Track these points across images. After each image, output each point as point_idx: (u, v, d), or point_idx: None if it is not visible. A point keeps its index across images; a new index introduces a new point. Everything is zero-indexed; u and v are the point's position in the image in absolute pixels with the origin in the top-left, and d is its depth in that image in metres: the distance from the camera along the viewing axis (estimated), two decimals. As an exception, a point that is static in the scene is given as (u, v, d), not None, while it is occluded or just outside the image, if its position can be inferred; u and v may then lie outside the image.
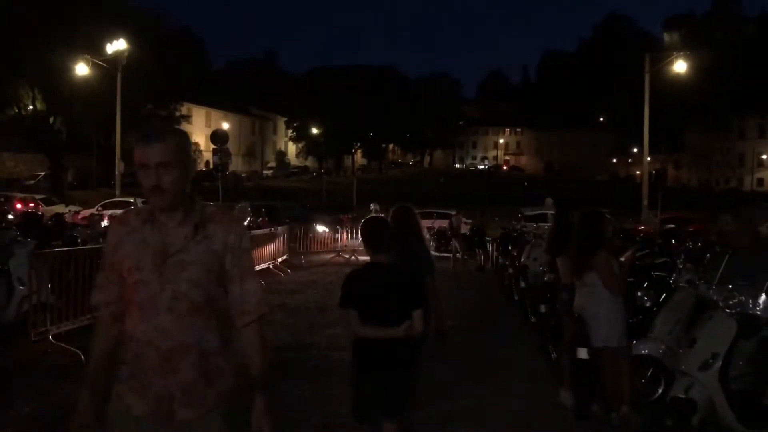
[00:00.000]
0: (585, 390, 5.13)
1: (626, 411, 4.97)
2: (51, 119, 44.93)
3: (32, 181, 45.69)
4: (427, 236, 24.06)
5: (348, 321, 3.65)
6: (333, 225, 22.53)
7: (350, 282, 3.72)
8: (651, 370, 5.42)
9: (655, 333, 5.42)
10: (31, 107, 44.92)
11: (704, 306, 4.86)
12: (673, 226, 19.61)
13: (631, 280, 5.89)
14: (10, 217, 17.55)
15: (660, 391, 5.35)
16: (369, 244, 3.77)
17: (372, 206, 25.84)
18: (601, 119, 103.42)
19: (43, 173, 47.00)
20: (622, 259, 5.23)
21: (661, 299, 5.69)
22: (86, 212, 26.16)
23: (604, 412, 5.10)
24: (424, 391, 4.90)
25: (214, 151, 20.99)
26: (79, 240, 10.39)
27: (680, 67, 25.54)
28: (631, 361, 5.10)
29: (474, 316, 10.36)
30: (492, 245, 19.12)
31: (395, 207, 4.94)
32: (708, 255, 6.11)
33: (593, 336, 4.90)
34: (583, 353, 4.97)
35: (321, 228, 22.26)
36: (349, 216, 26.18)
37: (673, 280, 5.65)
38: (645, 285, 6.15)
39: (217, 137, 20.24)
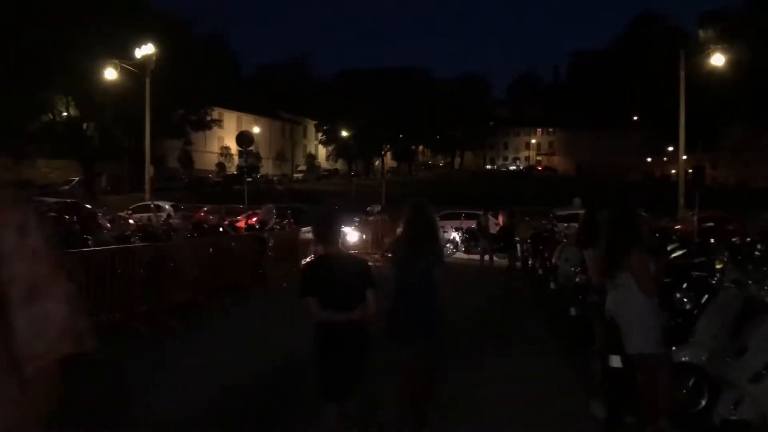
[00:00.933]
0: (618, 401, 4.66)
1: (664, 424, 4.48)
2: (84, 125, 45.57)
3: (66, 187, 46.42)
4: (454, 235, 23.40)
5: (308, 309, 3.97)
6: (359, 226, 22.17)
7: (307, 273, 4.25)
8: (693, 379, 4.92)
9: (696, 338, 4.93)
10: (65, 114, 45.65)
11: (754, 309, 4.35)
12: (712, 224, 18.80)
13: (667, 280, 5.41)
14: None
15: (703, 402, 4.84)
16: (320, 237, 4.20)
17: (370, 208, 25.44)
18: (635, 118, 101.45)
19: (76, 179, 47.73)
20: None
21: (703, 301, 5.18)
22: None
23: (639, 426, 4.63)
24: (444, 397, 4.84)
25: (240, 154, 20.87)
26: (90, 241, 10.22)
27: (717, 60, 24.63)
28: (670, 369, 4.60)
29: (499, 319, 9.89)
30: (522, 246, 18.61)
31: (409, 202, 4.97)
32: (757, 253, 5.58)
33: (627, 342, 4.43)
34: (615, 360, 4.51)
35: (347, 229, 21.88)
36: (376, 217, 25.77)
37: (716, 280, 5.14)
38: (684, 285, 5.64)
39: (243, 139, 20.13)
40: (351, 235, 20.59)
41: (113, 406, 5.52)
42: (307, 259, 11.76)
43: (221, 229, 14.21)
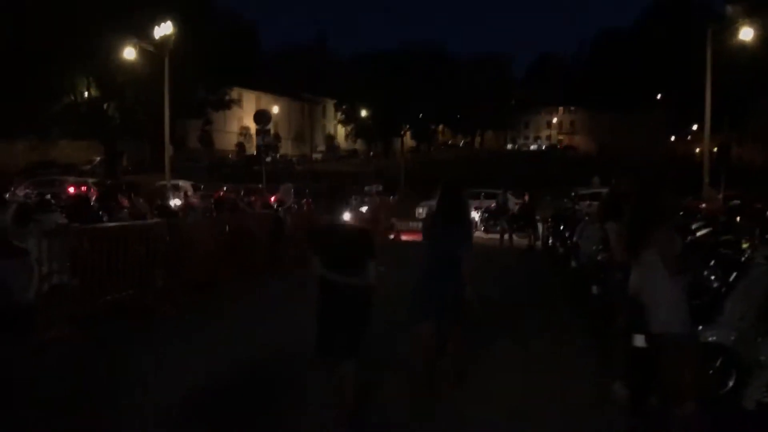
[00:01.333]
0: (642, 382, 4.48)
1: (691, 407, 4.30)
2: (105, 106, 45.77)
3: (88, 167, 46.92)
4: (473, 215, 23.36)
5: (312, 265, 4.40)
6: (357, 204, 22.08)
7: (314, 237, 4.73)
8: (720, 359, 4.73)
9: (725, 317, 4.74)
10: (86, 95, 45.85)
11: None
12: (738, 202, 18.37)
13: (693, 257, 5.20)
14: (48, 197, 17.64)
15: (731, 384, 4.66)
16: (327, 209, 4.76)
17: (367, 188, 25.41)
18: (658, 97, 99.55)
19: (98, 159, 48.15)
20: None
21: (732, 279, 4.97)
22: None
23: (664, 408, 4.45)
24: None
25: (258, 132, 20.73)
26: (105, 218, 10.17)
27: (746, 34, 23.92)
28: (696, 349, 4.41)
29: (518, 298, 9.71)
30: (543, 225, 18.37)
31: (442, 182, 5.36)
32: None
33: (652, 320, 4.23)
34: (639, 340, 4.32)
35: (364, 209, 21.80)
36: (394, 197, 25.70)
37: (746, 258, 4.92)
38: (711, 263, 5.43)
39: (261, 117, 19.98)
40: (347, 214, 20.53)
41: (94, 392, 5.37)
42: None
43: (237, 206, 14.12)
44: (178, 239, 8.94)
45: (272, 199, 18.81)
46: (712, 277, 5.23)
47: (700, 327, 4.67)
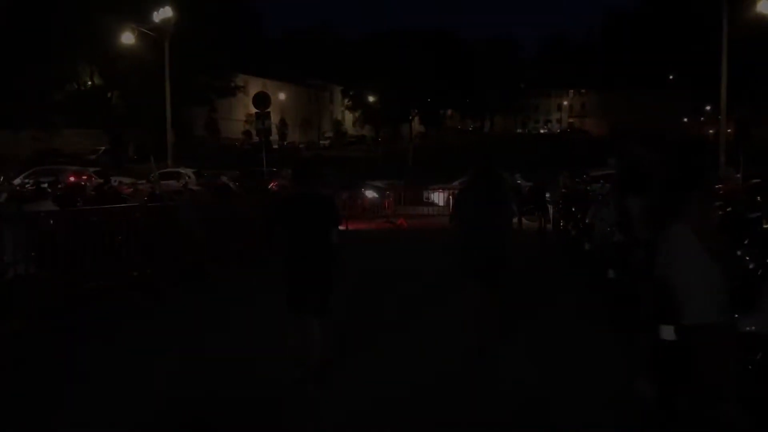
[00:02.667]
0: (670, 379, 3.83)
1: (728, 407, 3.65)
2: (108, 94, 45.42)
3: (93, 156, 46.64)
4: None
5: (275, 233, 4.90)
6: (381, 192, 21.54)
7: (280, 205, 5.21)
8: (760, 354, 4.07)
9: (765, 303, 4.06)
10: (89, 83, 45.53)
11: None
12: (759, 180, 17.61)
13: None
14: (45, 185, 17.19)
15: (774, 381, 3.99)
16: (296, 178, 5.07)
17: (380, 183, 25.39)
18: (671, 77, 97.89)
19: (103, 148, 47.83)
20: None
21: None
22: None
23: (696, 409, 3.79)
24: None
25: (257, 115, 20.05)
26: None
27: (765, 7, 22.99)
28: (735, 341, 3.75)
29: (530, 285, 9.05)
30: (554, 207, 17.68)
31: (475, 164, 5.95)
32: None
33: (683, 309, 3.57)
34: (667, 332, 3.65)
35: (370, 194, 21.28)
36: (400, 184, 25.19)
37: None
38: (746, 242, 4.75)
39: (260, 100, 19.29)
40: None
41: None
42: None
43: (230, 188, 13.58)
44: (161, 224, 8.37)
45: (272, 184, 18.26)
46: (748, 258, 4.55)
47: (737, 315, 3.99)
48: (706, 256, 3.43)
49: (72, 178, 27.61)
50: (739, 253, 4.66)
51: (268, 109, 19.22)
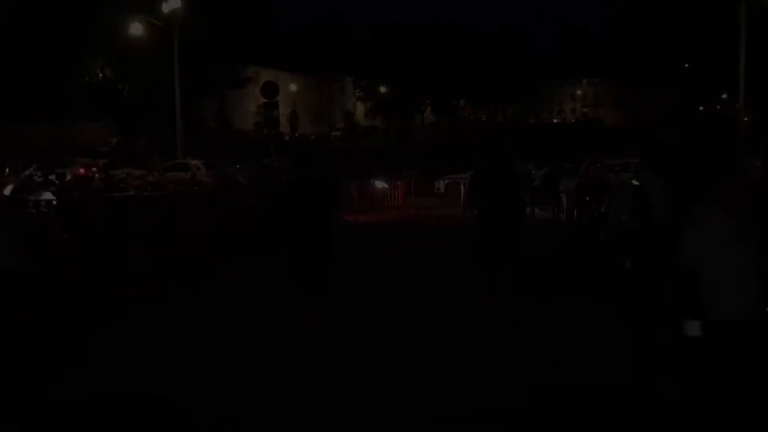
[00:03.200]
0: (697, 381, 3.50)
1: (759, 413, 3.33)
2: (120, 87, 45.47)
3: (106, 148, 46.89)
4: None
5: (287, 215, 5.27)
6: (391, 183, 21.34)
7: (287, 189, 5.57)
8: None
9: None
10: (101, 75, 45.59)
11: None
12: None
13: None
14: (52, 177, 17.16)
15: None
16: (296, 165, 5.52)
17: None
18: (686, 65, 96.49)
19: (115, 140, 48.02)
20: None
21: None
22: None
23: (726, 413, 3.47)
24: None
25: (265, 105, 19.83)
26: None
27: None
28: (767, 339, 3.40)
29: (543, 277, 8.71)
30: (567, 196, 17.35)
31: (489, 145, 6.42)
32: None
33: (711, 302, 3.23)
34: (693, 328, 3.32)
35: (380, 185, 21.06)
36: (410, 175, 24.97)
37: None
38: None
39: (268, 89, 19.09)
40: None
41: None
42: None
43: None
44: (163, 217, 8.13)
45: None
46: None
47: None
48: (739, 244, 3.08)
49: (81, 170, 27.61)
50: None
51: (276, 99, 19.01)
